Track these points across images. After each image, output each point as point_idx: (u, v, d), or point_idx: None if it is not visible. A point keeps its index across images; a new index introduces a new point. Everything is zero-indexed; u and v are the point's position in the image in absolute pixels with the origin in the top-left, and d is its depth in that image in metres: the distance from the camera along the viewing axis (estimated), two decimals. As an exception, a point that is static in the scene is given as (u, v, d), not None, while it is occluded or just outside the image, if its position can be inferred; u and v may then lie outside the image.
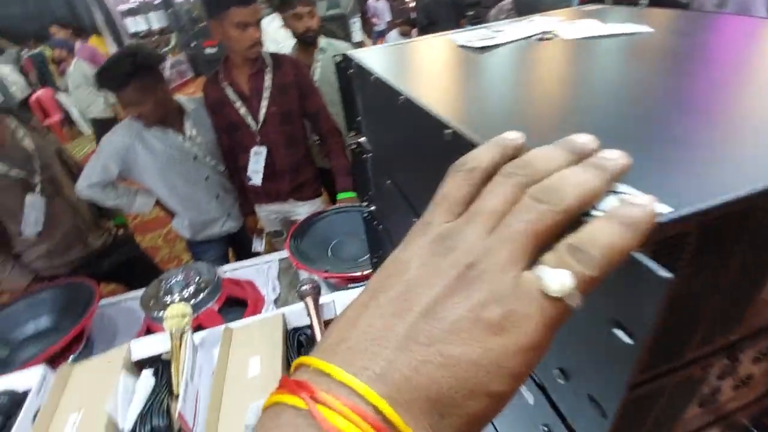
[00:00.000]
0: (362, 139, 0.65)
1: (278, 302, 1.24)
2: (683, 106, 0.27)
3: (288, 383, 0.16)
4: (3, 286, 1.38)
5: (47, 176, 1.37)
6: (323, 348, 0.17)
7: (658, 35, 0.46)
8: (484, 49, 0.50)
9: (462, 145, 0.27)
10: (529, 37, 0.53)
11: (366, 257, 1.20)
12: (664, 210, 0.16)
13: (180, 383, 0.73)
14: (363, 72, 0.54)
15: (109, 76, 1.26)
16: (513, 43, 0.51)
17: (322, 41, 1.77)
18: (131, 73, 1.24)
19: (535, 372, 0.27)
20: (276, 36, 2.58)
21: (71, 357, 1.07)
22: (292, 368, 0.18)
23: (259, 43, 1.35)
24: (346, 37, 3.49)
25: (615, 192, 0.17)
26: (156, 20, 9.43)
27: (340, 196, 1.56)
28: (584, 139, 0.18)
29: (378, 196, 0.68)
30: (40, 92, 4.91)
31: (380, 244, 0.78)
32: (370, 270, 1.00)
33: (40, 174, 1.34)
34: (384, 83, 0.45)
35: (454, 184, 0.19)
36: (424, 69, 0.51)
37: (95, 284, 1.18)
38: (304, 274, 1.27)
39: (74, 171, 1.51)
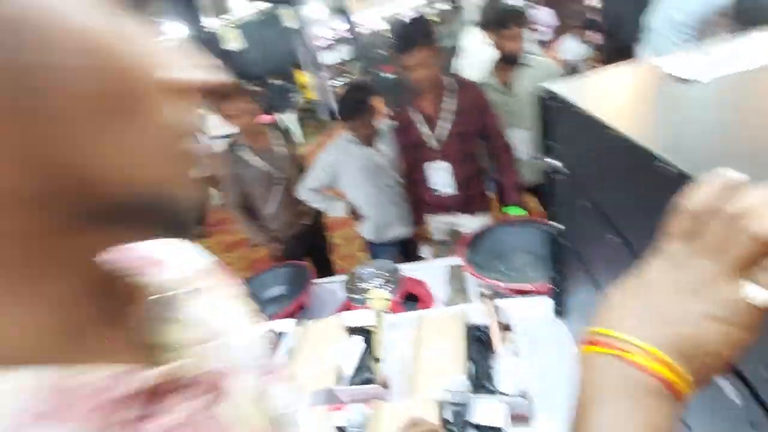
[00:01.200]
0: (555, 162, 0.73)
1: (446, 304, 1.38)
2: None
3: (601, 342, 0.26)
4: (260, 245, 2.06)
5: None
6: (612, 320, 0.27)
7: None
8: (696, 82, 0.52)
9: (672, 176, 0.33)
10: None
11: (534, 272, 1.23)
12: None
13: (381, 350, 0.93)
14: (564, 103, 0.62)
15: (349, 108, 1.64)
16: (740, 74, 0.51)
17: (526, 57, 1.83)
18: (364, 102, 1.59)
19: (746, 375, 0.31)
20: (475, 50, 2.78)
21: (294, 320, 1.43)
22: (592, 332, 0.28)
23: (430, 77, 1.53)
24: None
25: None
26: (346, 53, 11.19)
27: (509, 210, 1.62)
28: None
29: (567, 215, 0.74)
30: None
31: (562, 259, 0.83)
32: (544, 283, 1.04)
33: (282, 172, 1.89)
34: (590, 117, 0.52)
35: (683, 221, 0.27)
36: (631, 102, 0.55)
37: (312, 267, 1.54)
38: (471, 282, 1.38)
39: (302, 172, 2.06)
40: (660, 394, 0.24)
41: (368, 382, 0.86)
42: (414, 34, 1.47)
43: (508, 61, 1.80)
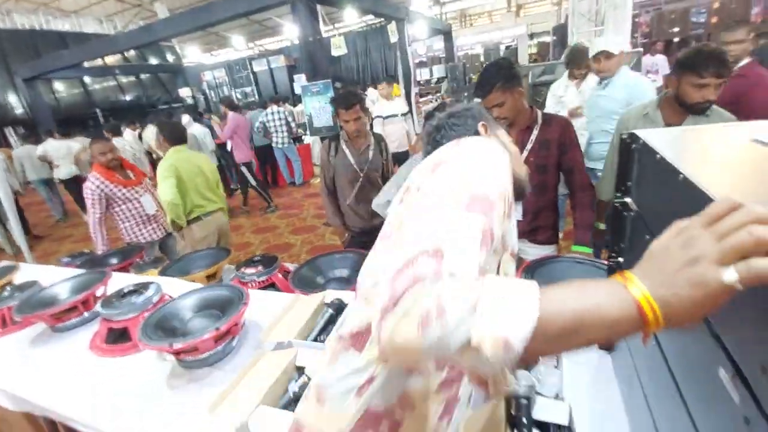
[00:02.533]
0: (628, 200, 0.79)
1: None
2: None
3: (620, 275, 0.39)
4: (331, 225, 2.43)
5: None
6: (638, 271, 0.38)
7: None
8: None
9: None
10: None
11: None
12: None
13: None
14: (648, 149, 0.69)
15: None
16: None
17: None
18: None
19: (746, 376, 0.38)
20: (559, 90, 2.85)
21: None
22: (623, 272, 0.39)
23: (509, 114, 1.63)
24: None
25: None
26: (437, 72, 11.49)
27: (576, 248, 1.63)
28: None
29: (631, 251, 0.80)
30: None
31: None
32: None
33: (366, 172, 2.22)
34: (665, 162, 0.59)
35: (711, 212, 0.36)
36: (709, 156, 0.62)
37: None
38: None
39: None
40: (631, 309, 0.35)
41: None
42: (492, 79, 1.57)
43: (687, 108, 1.60)
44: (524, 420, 0.77)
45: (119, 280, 1.66)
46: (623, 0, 5.00)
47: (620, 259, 0.85)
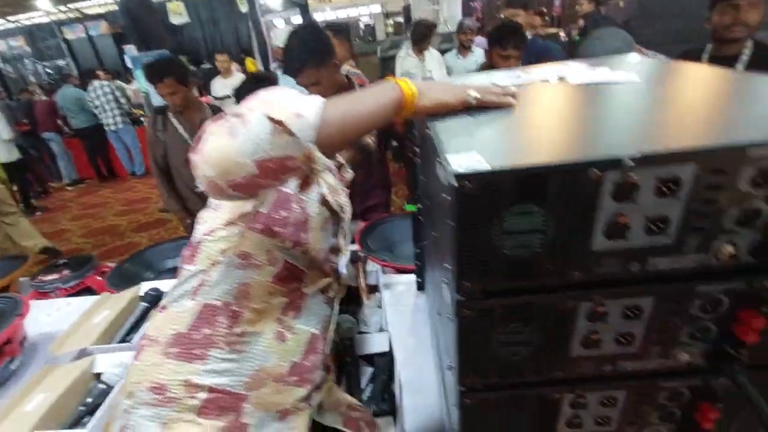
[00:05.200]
0: (417, 149, 0.85)
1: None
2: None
3: (391, 78, 0.60)
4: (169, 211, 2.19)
5: None
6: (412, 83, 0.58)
7: (637, 84, 0.58)
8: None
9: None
10: (547, 80, 0.67)
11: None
12: (486, 167, 0.32)
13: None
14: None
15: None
16: (531, 84, 0.67)
17: None
18: None
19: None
20: (402, 62, 2.97)
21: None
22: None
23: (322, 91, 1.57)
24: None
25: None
26: (297, 46, 11.00)
27: (408, 207, 1.75)
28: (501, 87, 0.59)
29: (422, 199, 0.86)
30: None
31: (422, 235, 0.95)
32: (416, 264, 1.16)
33: None
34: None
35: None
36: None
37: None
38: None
39: None
40: (397, 91, 0.54)
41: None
42: (301, 56, 1.42)
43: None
44: (348, 358, 0.82)
45: None
46: (455, -18, 5.48)
47: (419, 205, 0.92)
